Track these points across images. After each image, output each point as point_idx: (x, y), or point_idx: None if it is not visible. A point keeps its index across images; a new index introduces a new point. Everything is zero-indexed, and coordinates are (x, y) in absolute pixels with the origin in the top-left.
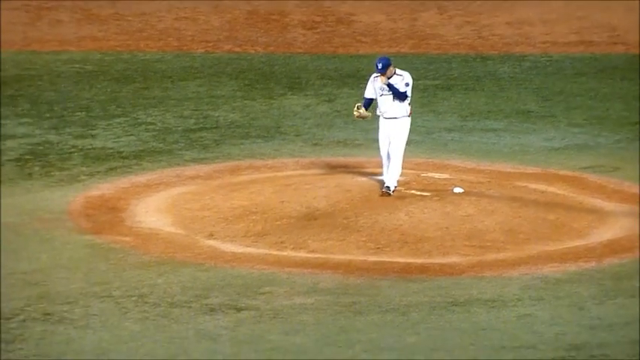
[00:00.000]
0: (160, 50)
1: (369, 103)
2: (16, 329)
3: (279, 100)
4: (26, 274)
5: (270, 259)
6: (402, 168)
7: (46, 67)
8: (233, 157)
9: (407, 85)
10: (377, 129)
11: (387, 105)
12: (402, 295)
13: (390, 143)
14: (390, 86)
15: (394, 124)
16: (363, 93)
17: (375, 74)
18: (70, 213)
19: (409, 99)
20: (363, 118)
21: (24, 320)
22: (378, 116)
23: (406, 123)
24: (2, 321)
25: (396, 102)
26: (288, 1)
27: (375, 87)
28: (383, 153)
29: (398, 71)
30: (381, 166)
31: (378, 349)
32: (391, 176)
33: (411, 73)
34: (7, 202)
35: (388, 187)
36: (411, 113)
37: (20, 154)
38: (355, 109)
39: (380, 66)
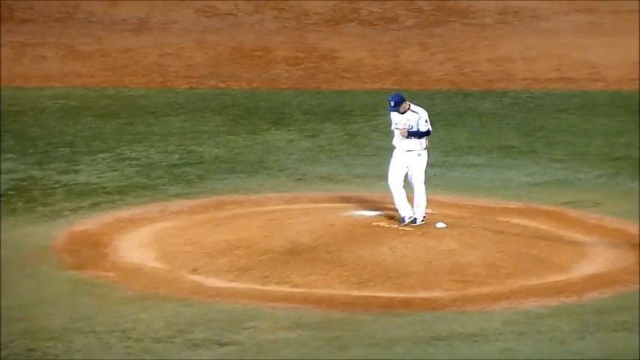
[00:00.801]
0: (144, 86)
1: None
2: None
3: (263, 136)
4: (10, 310)
5: (253, 294)
6: (382, 203)
7: (30, 103)
8: (217, 192)
9: (426, 122)
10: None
11: (405, 139)
12: (385, 329)
13: (411, 176)
14: (412, 133)
15: (414, 157)
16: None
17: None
18: (54, 248)
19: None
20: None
21: (8, 356)
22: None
23: (425, 155)
24: None
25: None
26: (272, 38)
27: (392, 120)
28: (394, 182)
29: (412, 107)
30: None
31: None
32: (418, 208)
33: (424, 107)
34: None
35: (415, 220)
36: (427, 146)
37: (4, 190)
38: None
39: (392, 104)
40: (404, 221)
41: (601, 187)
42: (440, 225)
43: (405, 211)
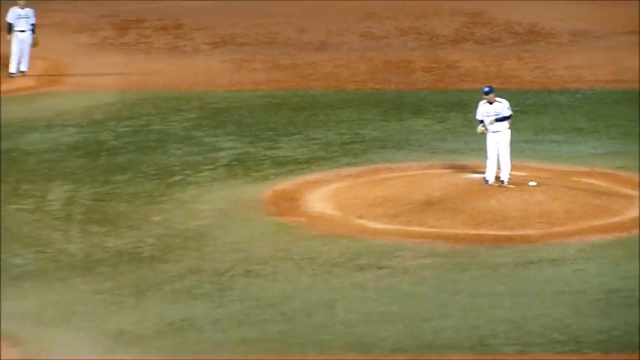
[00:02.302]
0: (323, 88)
1: (482, 122)
2: (227, 282)
3: (407, 122)
4: (233, 244)
5: (401, 233)
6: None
7: (245, 101)
8: (374, 162)
9: (508, 108)
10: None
11: (494, 124)
12: (494, 256)
13: (498, 149)
14: (498, 120)
15: (501, 136)
16: (475, 115)
17: (482, 101)
18: (262, 201)
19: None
20: (482, 132)
21: (232, 275)
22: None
23: (509, 133)
24: (217, 277)
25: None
26: (413, 53)
27: (482, 112)
28: (491, 156)
29: (497, 99)
30: (484, 167)
31: (477, 295)
32: (505, 173)
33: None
34: (221, 194)
35: (503, 181)
36: (510, 126)
37: (228, 161)
38: (478, 127)
39: (487, 89)
40: (487, 182)
41: None
42: (531, 183)
43: (489, 175)
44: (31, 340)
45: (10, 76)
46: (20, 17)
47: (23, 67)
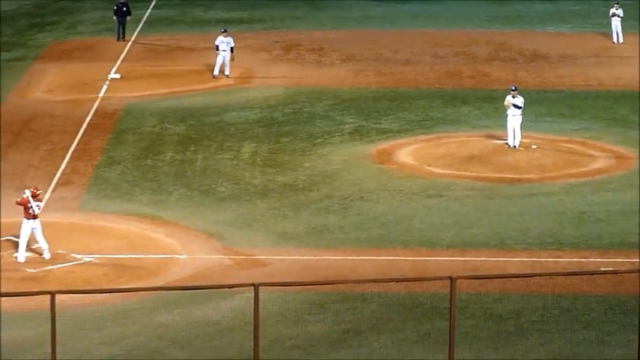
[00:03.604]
0: (407, 87)
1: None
2: (348, 203)
3: (458, 108)
4: (352, 180)
5: (454, 175)
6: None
7: (360, 94)
8: (438, 132)
9: (522, 102)
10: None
11: (511, 108)
12: (509, 190)
13: (514, 126)
14: (516, 106)
15: (515, 117)
16: (504, 102)
17: (509, 95)
18: (370, 155)
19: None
20: (507, 105)
21: (351, 200)
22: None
23: (520, 116)
24: (342, 200)
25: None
26: (462, 67)
27: (508, 100)
28: (509, 130)
29: (517, 95)
30: (505, 136)
31: (499, 213)
32: (517, 140)
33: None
34: (346, 151)
35: (515, 145)
36: (521, 112)
37: (350, 131)
38: (505, 102)
39: (514, 87)
40: (508, 145)
41: None
42: (533, 147)
43: (509, 141)
44: (229, 237)
45: (214, 77)
46: (222, 42)
47: (227, 72)
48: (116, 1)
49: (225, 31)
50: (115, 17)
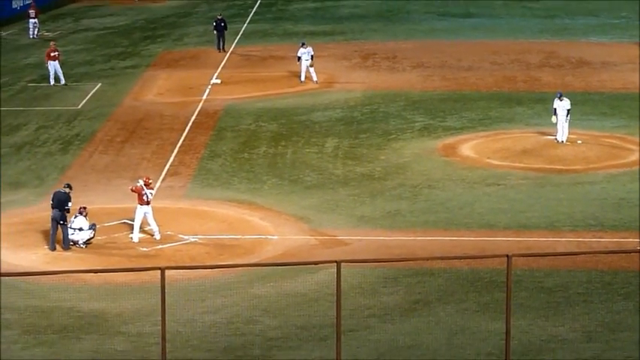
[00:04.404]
0: (469, 90)
1: (555, 111)
2: (418, 190)
3: (513, 108)
4: (421, 171)
5: (509, 166)
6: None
7: (428, 97)
8: (496, 129)
9: (569, 104)
10: (551, 119)
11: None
12: (559, 179)
13: (563, 124)
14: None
15: (564, 117)
16: (552, 106)
17: (556, 99)
18: (437, 149)
19: None
20: (554, 122)
21: (421, 187)
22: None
23: (568, 116)
24: (412, 188)
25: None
26: (517, 72)
27: (556, 104)
28: (559, 127)
29: (564, 98)
30: (555, 132)
31: (549, 199)
32: (565, 136)
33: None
34: (416, 145)
35: (563, 140)
36: (569, 113)
37: (420, 128)
38: (552, 118)
39: (559, 93)
40: (557, 141)
41: None
42: (579, 142)
43: (558, 137)
44: (315, 220)
45: (301, 82)
46: (303, 53)
47: (314, 78)
48: (214, 17)
49: (304, 44)
50: (214, 31)
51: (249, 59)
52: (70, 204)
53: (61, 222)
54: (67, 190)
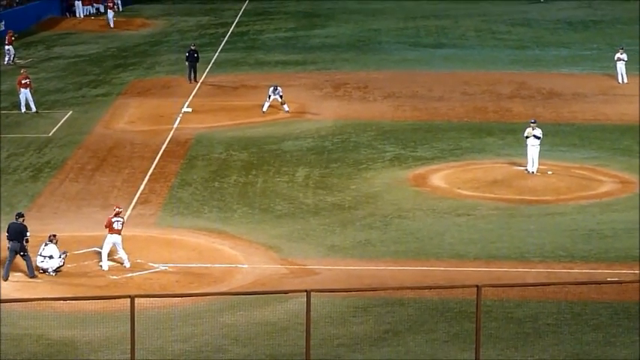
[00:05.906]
0: (440, 120)
1: (527, 136)
2: (388, 220)
3: (484, 139)
4: (392, 200)
5: (480, 197)
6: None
7: (399, 127)
8: (466, 159)
9: (540, 132)
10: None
11: (531, 138)
12: (528, 210)
13: (532, 154)
14: (536, 137)
15: (534, 147)
16: (523, 133)
17: (529, 127)
18: (407, 179)
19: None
20: (527, 135)
21: (391, 217)
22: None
23: (538, 146)
24: (383, 218)
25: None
26: (487, 103)
27: (527, 131)
28: (529, 158)
29: (536, 127)
30: (525, 163)
31: (519, 230)
32: (535, 167)
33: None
34: (386, 175)
35: (534, 171)
36: (540, 142)
37: (390, 158)
38: (525, 132)
39: (533, 121)
40: (527, 171)
41: None
42: (549, 172)
43: (528, 168)
44: (285, 249)
45: (262, 113)
46: (274, 93)
47: (286, 109)
48: (188, 47)
49: (276, 88)
50: (186, 62)
51: (221, 88)
52: (28, 234)
53: (22, 253)
54: (21, 220)
